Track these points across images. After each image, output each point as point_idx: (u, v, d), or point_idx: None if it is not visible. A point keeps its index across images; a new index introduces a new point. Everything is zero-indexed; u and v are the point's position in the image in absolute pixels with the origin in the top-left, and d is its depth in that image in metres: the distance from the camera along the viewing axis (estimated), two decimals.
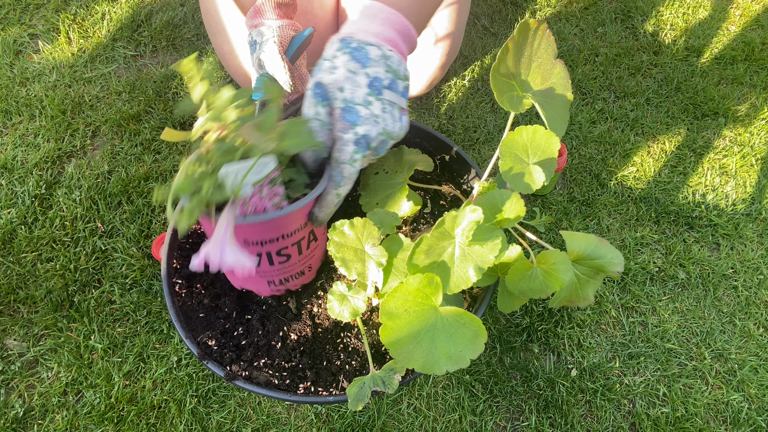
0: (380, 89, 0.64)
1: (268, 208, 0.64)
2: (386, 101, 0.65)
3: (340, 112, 0.64)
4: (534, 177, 0.69)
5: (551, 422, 0.96)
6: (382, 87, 0.65)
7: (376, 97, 0.64)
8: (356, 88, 0.63)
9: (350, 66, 0.63)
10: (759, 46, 1.43)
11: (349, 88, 0.63)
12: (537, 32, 0.70)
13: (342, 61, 0.64)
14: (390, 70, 0.65)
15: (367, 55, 0.64)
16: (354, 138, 0.64)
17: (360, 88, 0.63)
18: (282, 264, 0.74)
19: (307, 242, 0.74)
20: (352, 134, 0.64)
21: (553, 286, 0.70)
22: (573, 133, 1.28)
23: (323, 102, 0.64)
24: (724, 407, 0.98)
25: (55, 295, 1.04)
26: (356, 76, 0.63)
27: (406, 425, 0.95)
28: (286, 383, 0.76)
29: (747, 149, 1.26)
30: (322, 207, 0.69)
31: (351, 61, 0.63)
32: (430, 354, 0.64)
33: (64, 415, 0.94)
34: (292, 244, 0.71)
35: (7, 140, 1.22)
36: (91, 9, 1.44)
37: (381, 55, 0.65)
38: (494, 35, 1.45)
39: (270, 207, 0.64)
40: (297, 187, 0.68)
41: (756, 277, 1.11)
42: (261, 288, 0.81)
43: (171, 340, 1.00)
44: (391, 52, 0.66)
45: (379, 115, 0.64)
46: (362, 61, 0.64)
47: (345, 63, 0.64)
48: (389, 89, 0.66)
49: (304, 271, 0.79)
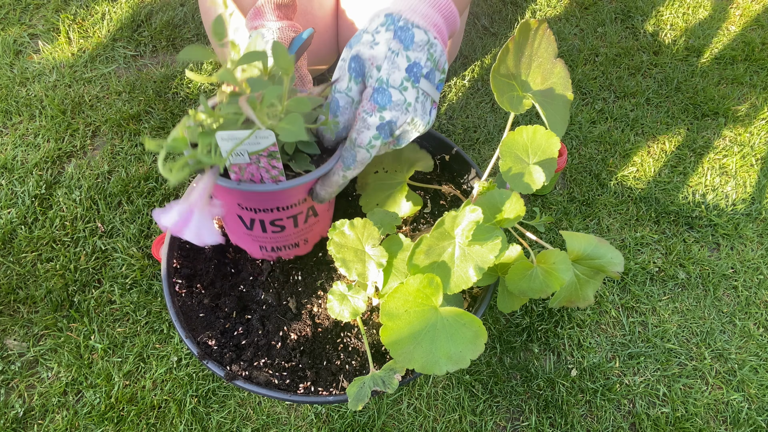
0: (418, 77, 0.60)
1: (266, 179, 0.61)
2: (421, 90, 0.61)
3: (371, 92, 0.60)
4: (534, 177, 0.69)
5: (551, 422, 0.96)
6: (421, 75, 0.60)
7: (412, 84, 0.60)
8: (394, 69, 0.59)
9: (392, 45, 0.59)
10: (759, 46, 1.43)
11: (387, 67, 0.59)
12: (537, 32, 0.70)
13: (384, 38, 0.59)
14: (431, 59, 0.61)
15: (412, 38, 0.59)
16: (378, 123, 0.60)
17: (398, 71, 0.59)
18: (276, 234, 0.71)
19: (305, 217, 0.71)
20: (377, 118, 0.60)
21: (553, 286, 0.70)
22: (573, 133, 1.28)
23: (357, 78, 0.61)
24: (724, 407, 0.98)
25: (55, 295, 1.04)
26: (397, 58, 0.59)
27: (406, 425, 0.95)
28: (286, 383, 0.76)
29: (747, 149, 1.26)
30: (326, 186, 0.66)
31: (394, 40, 0.59)
32: (431, 354, 0.65)
33: (64, 415, 0.94)
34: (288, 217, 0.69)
35: (7, 140, 1.22)
36: (91, 9, 1.44)
37: (426, 41, 0.60)
38: (494, 35, 1.45)
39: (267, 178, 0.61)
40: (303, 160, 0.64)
41: (756, 277, 1.11)
42: (253, 250, 0.80)
43: (171, 340, 1.00)
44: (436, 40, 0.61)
45: (411, 103, 0.61)
46: (406, 43, 0.59)
47: (387, 41, 0.59)
48: (427, 79, 0.61)
49: (299, 244, 0.77)
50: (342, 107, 0.61)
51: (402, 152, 0.86)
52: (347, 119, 0.62)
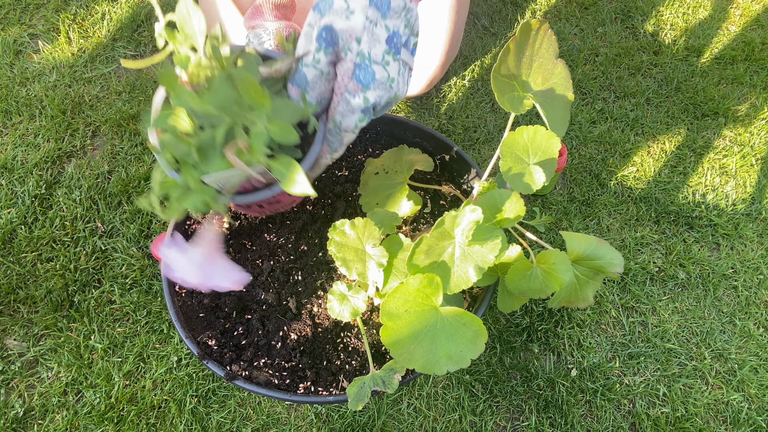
0: (399, 47, 0.56)
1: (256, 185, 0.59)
2: (402, 62, 0.57)
3: (351, 68, 0.55)
4: (534, 177, 0.69)
5: (551, 422, 0.96)
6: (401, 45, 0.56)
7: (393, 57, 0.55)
8: (375, 42, 0.54)
9: (369, 13, 0.54)
10: (759, 46, 1.43)
11: (367, 40, 0.54)
12: (539, 32, 0.70)
13: (360, 5, 0.53)
14: (408, 25, 0.56)
15: (389, 4, 0.54)
16: (363, 105, 0.56)
17: (379, 44, 0.54)
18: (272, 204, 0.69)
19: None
20: (361, 99, 0.55)
21: (552, 286, 0.70)
22: (573, 133, 1.28)
23: (328, 48, 0.55)
24: (724, 407, 0.98)
25: (55, 295, 1.04)
26: (376, 28, 0.54)
27: (406, 425, 0.95)
28: (286, 383, 0.76)
29: (747, 149, 1.26)
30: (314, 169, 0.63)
31: (371, 8, 0.54)
32: (431, 354, 0.65)
33: (64, 415, 0.94)
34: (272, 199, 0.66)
35: (7, 140, 1.22)
36: (91, 9, 1.44)
37: (403, 6, 0.55)
38: (494, 35, 1.45)
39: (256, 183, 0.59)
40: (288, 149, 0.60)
41: (756, 277, 1.11)
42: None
43: (171, 340, 1.00)
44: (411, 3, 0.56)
45: (394, 78, 0.56)
46: (383, 10, 0.54)
47: (363, 8, 0.54)
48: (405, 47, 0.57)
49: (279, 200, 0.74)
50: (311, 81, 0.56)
51: (402, 153, 0.87)
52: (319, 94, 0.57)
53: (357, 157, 0.94)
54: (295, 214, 0.91)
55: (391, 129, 0.98)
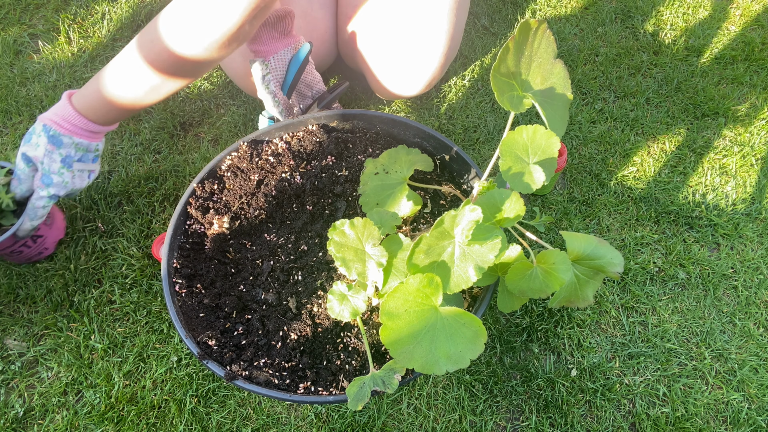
0: (71, 163, 0.92)
1: None
2: (77, 170, 0.94)
3: (40, 175, 0.91)
4: (534, 177, 0.69)
5: (551, 422, 0.96)
6: (73, 161, 0.92)
7: (67, 169, 0.92)
8: (52, 162, 0.91)
9: (48, 147, 0.90)
10: (759, 46, 1.43)
11: (47, 162, 0.90)
12: (537, 32, 0.70)
13: (43, 141, 0.89)
14: (80, 149, 0.92)
15: (61, 142, 0.90)
16: (47, 195, 0.92)
17: (55, 163, 0.91)
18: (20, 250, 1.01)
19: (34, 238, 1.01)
20: (45, 192, 0.92)
21: (552, 286, 0.70)
22: (573, 133, 1.28)
23: (29, 163, 0.91)
24: (724, 407, 0.98)
25: (55, 295, 1.04)
26: (53, 154, 0.90)
27: (406, 425, 0.95)
28: (286, 383, 0.76)
29: (747, 149, 1.26)
30: (21, 231, 0.94)
31: (49, 144, 0.89)
32: (430, 354, 0.65)
33: (64, 415, 0.94)
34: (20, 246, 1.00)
35: (7, 140, 1.23)
36: (91, 9, 1.44)
37: (72, 142, 0.91)
38: (494, 35, 1.45)
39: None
40: (8, 215, 0.96)
41: (756, 277, 1.11)
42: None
43: (171, 340, 1.00)
44: (80, 138, 0.91)
45: (68, 181, 0.93)
46: (58, 145, 0.90)
47: (45, 144, 0.89)
48: (80, 161, 0.94)
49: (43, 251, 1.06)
50: (22, 180, 0.93)
51: (402, 153, 0.87)
52: (27, 187, 0.94)
53: (357, 157, 0.94)
54: (295, 213, 0.91)
55: (391, 129, 0.98)
